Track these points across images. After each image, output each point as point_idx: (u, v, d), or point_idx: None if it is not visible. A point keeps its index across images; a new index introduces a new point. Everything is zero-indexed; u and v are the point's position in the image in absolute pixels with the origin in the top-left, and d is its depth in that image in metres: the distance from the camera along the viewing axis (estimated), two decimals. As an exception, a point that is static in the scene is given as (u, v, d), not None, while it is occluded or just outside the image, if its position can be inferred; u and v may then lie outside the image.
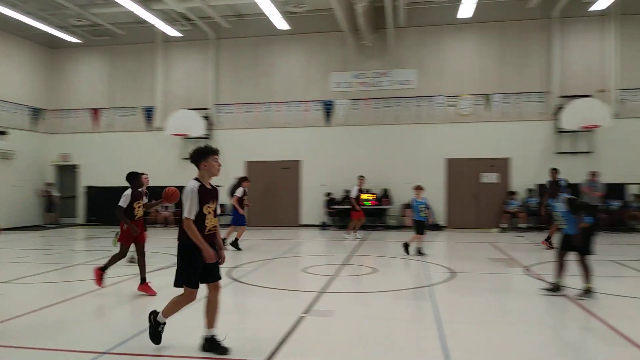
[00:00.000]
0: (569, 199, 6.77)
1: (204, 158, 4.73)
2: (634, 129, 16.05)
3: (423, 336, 5.26)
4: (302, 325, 5.60)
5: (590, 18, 16.36)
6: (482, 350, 4.88)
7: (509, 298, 7.39)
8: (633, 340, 4.97)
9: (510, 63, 17.00)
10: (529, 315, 6.16)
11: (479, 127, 17.05)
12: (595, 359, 4.72)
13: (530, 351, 4.87)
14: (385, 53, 17.62)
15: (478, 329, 5.58)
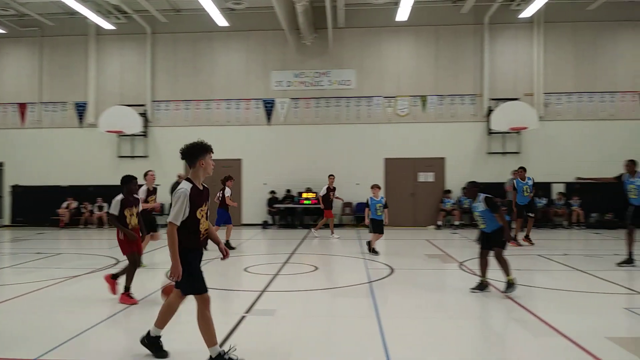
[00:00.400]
0: (486, 198, 6.92)
1: (202, 155, 4.33)
2: (558, 131, 17.08)
3: (363, 332, 5.38)
4: (243, 325, 5.59)
5: (518, 25, 17.25)
6: (419, 344, 5.06)
7: (444, 293, 7.69)
8: (559, 330, 5.31)
9: (445, 66, 17.63)
10: (463, 309, 6.44)
11: (415, 127, 17.57)
12: (524, 350, 5.00)
13: (463, 344, 5.11)
14: (325, 53, 17.80)
15: (415, 324, 5.78)
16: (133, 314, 6.19)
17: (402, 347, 4.88)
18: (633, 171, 9.02)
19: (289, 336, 5.26)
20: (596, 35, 17.25)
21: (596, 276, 8.35)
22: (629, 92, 17.16)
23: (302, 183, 17.57)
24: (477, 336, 5.54)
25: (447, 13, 17.33)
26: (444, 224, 16.97)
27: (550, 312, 6.12)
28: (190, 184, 4.27)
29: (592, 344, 4.83)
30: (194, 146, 4.38)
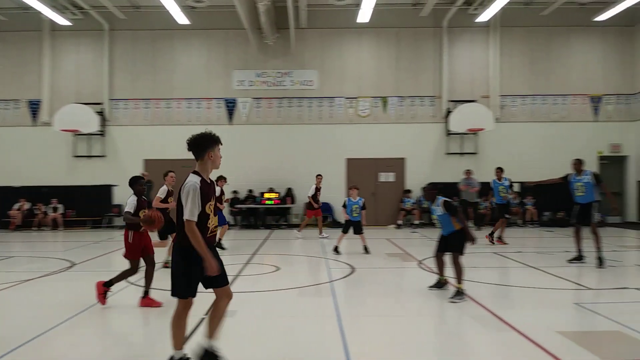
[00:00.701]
0: (445, 202, 6.91)
1: (211, 147, 4.12)
2: (512, 132, 17.62)
3: (324, 332, 5.43)
4: (203, 327, 5.54)
5: (475, 29, 17.71)
6: (378, 343, 5.15)
7: (404, 291, 7.83)
8: (513, 325, 5.51)
9: (405, 68, 17.92)
10: (422, 307, 6.59)
11: (376, 128, 17.80)
12: (479, 345, 5.16)
13: (421, 341, 5.23)
14: (288, 53, 17.81)
15: (375, 322, 5.88)
16: (88, 318, 6.05)
17: (361, 346, 4.96)
18: (580, 170, 9.37)
19: (250, 337, 5.26)
20: (549, 39, 17.89)
21: (548, 272, 8.67)
22: (580, 95, 17.88)
23: (265, 183, 17.52)
24: (434, 333, 5.68)
25: (407, 16, 17.61)
26: (404, 223, 17.25)
27: (505, 308, 6.33)
28: (199, 177, 4.05)
29: (544, 338, 5.02)
30: (203, 137, 4.15)
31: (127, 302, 6.88)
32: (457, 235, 6.88)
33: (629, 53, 17.96)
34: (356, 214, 11.00)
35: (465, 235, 6.82)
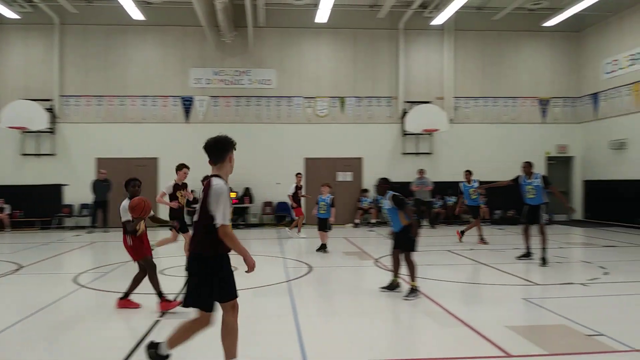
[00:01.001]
0: (393, 196, 6.96)
1: (230, 150, 4.03)
2: (466, 133, 18.11)
3: (281, 331, 5.45)
4: (158, 328, 5.47)
5: (430, 32, 18.08)
6: (334, 341, 5.21)
7: (360, 289, 7.94)
8: (464, 321, 5.69)
9: (363, 69, 18.11)
10: (377, 304, 6.70)
11: (334, 128, 17.92)
12: (432, 340, 5.31)
13: (375, 338, 5.33)
14: (246, 51, 17.69)
15: (332, 321, 5.95)
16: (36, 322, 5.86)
17: (318, 345, 5.01)
18: (529, 172, 9.73)
19: (206, 337, 5.22)
20: (501, 43, 18.48)
21: (498, 269, 8.98)
22: (530, 98, 18.55)
23: (222, 182, 17.34)
24: (389, 330, 5.80)
25: (364, 17, 17.80)
26: (362, 222, 17.45)
27: (457, 304, 6.52)
28: (223, 180, 3.94)
29: (493, 333, 5.21)
30: (225, 140, 4.04)
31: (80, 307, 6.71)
32: (405, 232, 6.93)
33: (575, 58, 18.76)
34: (323, 210, 11.15)
35: (411, 229, 6.87)
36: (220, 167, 3.99)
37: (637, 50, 16.01)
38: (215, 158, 4.01)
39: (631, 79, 16.22)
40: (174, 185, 9.17)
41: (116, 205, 7.18)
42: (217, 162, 4.01)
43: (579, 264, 10.09)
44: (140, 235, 6.51)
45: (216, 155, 4.00)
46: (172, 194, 9.06)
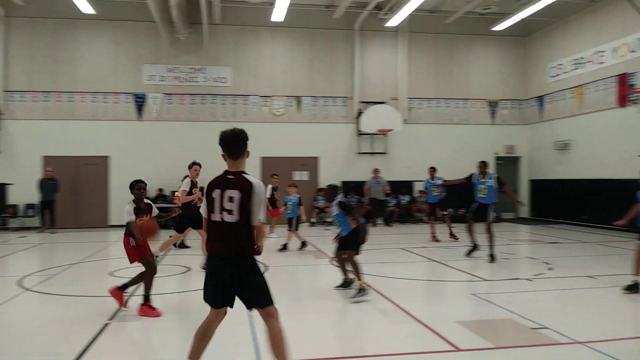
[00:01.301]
0: (340, 202, 7.04)
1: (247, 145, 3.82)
2: (419, 133, 18.48)
3: (235, 333, 5.42)
4: (107, 333, 5.34)
5: (385, 33, 18.36)
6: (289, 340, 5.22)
7: (314, 288, 7.99)
8: (415, 317, 5.82)
9: (319, 68, 18.20)
10: (332, 302, 6.76)
11: (291, 127, 17.92)
12: (384, 337, 5.40)
13: (329, 336, 5.39)
14: (201, 49, 17.44)
15: (286, 320, 5.94)
16: (-21, 328, 5.62)
17: (272, 344, 5.02)
18: (484, 172, 10.00)
19: (157, 341, 5.15)
20: (452, 46, 18.96)
21: (449, 266, 9.23)
22: (480, 100, 19.13)
23: (176, 182, 17.00)
24: (342, 327, 5.87)
25: (320, 17, 17.88)
26: (318, 221, 17.54)
27: (409, 300, 6.66)
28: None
29: (443, 328, 5.37)
30: (244, 132, 3.83)
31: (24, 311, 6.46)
32: (353, 235, 6.99)
33: (522, 61, 19.47)
34: (290, 210, 11.28)
35: (359, 233, 6.94)
36: (241, 162, 3.81)
37: (580, 55, 16.77)
38: (236, 152, 3.79)
39: (574, 82, 16.97)
40: (191, 182, 9.13)
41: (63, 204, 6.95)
42: (237, 157, 3.80)
43: (525, 260, 10.48)
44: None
45: (238, 149, 3.79)
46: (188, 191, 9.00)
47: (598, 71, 15.94)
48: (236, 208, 3.61)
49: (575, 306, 6.50)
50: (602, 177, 15.35)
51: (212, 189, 3.73)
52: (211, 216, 3.71)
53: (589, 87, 16.35)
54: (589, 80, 16.30)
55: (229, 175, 3.73)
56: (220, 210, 3.65)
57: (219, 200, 3.65)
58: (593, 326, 5.55)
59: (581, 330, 5.29)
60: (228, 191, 3.64)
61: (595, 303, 6.58)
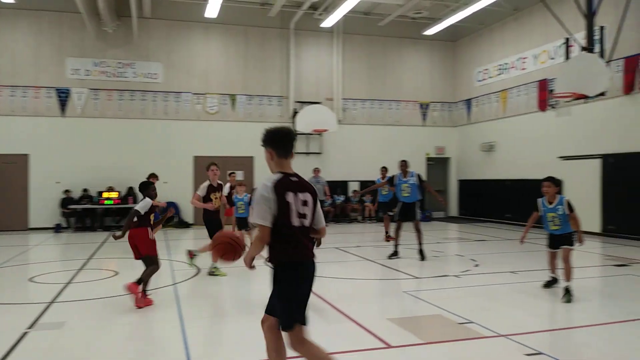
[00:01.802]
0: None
1: None
2: (354, 133, 18.76)
3: (165, 337, 5.27)
4: (25, 342, 5.01)
5: (320, 33, 18.47)
6: (221, 343, 5.14)
7: (248, 289, 7.90)
8: (349, 316, 5.88)
9: (254, 67, 18.03)
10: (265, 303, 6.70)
11: (225, 126, 17.64)
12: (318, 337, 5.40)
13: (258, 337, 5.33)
14: (130, 43, 16.80)
15: (218, 323, 5.85)
16: None
17: (204, 347, 4.92)
18: (405, 171, 10.23)
19: (80, 350, 4.89)
20: (385, 49, 19.38)
21: (382, 264, 9.41)
22: (411, 102, 19.68)
23: (103, 181, 16.32)
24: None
25: (255, 15, 17.71)
26: (253, 221, 17.36)
27: (343, 299, 6.72)
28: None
29: (375, 325, 5.46)
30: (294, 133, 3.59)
31: None
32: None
33: (451, 65, 20.22)
34: (242, 210, 11.07)
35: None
36: (287, 163, 3.54)
37: (504, 61, 17.64)
38: (291, 151, 3.55)
39: (499, 87, 17.84)
40: (208, 186, 8.49)
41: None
42: (288, 156, 3.54)
43: (453, 258, 10.87)
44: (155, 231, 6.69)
45: (293, 148, 3.55)
46: (205, 195, 8.41)
47: (520, 77, 16.84)
48: (310, 212, 3.46)
49: (499, 301, 6.81)
50: (523, 177, 16.24)
51: (284, 191, 3.36)
52: (293, 221, 3.37)
53: (512, 92, 17.24)
54: (512, 85, 17.19)
55: (292, 178, 3.46)
56: (297, 214, 3.40)
57: (294, 205, 3.38)
58: (515, 319, 5.84)
59: (504, 323, 5.55)
60: (300, 195, 3.41)
61: (516, 297, 6.92)
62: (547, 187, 6.74)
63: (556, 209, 6.70)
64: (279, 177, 3.40)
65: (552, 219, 6.76)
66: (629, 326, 5.52)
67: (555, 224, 6.74)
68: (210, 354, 4.80)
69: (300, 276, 3.46)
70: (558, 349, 4.93)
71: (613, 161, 13.49)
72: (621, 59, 13.04)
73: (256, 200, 3.33)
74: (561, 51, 14.13)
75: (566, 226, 6.74)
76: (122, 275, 8.71)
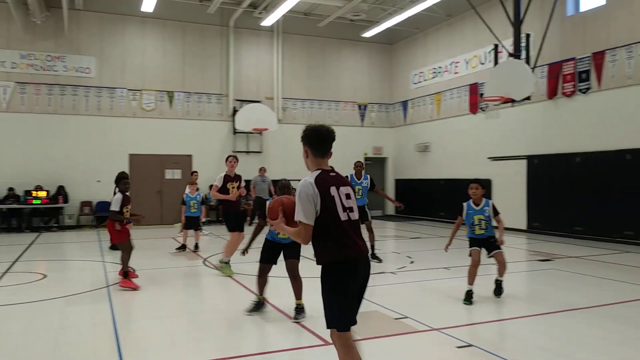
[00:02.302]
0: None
1: None
2: (294, 133, 18.68)
3: (97, 341, 5.11)
4: (-54, 352, 4.73)
5: (261, 32, 18.42)
6: (156, 345, 5.05)
7: (186, 290, 7.79)
8: (289, 315, 5.93)
9: (192, 63, 17.71)
10: (205, 304, 6.65)
11: (162, 123, 17.23)
12: (259, 336, 5.45)
13: (201, 337, 5.30)
14: (61, 35, 16.05)
15: (154, 325, 5.74)
16: None
17: (138, 350, 4.82)
18: (360, 174, 10.34)
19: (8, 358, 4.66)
20: (325, 49, 19.59)
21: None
22: (350, 102, 20.01)
23: (31, 180, 15.49)
24: (215, 329, 5.79)
25: (194, 11, 17.38)
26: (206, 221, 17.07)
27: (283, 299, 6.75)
28: None
29: (314, 323, 5.54)
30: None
31: None
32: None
33: (388, 68, 20.73)
34: (194, 209, 10.92)
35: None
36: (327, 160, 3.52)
37: (438, 64, 18.30)
38: (330, 149, 3.52)
39: (434, 90, 18.48)
40: (225, 176, 8.33)
41: None
42: (328, 156, 3.53)
43: (390, 255, 11.17)
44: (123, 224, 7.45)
45: (329, 148, 3.52)
46: (222, 186, 8.23)
47: (453, 80, 17.53)
48: (355, 205, 3.41)
49: (433, 296, 7.10)
50: (456, 177, 16.91)
51: (327, 186, 3.31)
52: (340, 216, 3.29)
53: (445, 95, 17.91)
54: (446, 88, 17.86)
55: (331, 174, 3.44)
56: (343, 208, 3.32)
57: (338, 199, 3.31)
58: (447, 314, 6.11)
59: (437, 318, 5.80)
60: (342, 188, 3.37)
61: (449, 293, 7.23)
62: (475, 188, 6.78)
63: (483, 211, 6.76)
64: (318, 173, 3.37)
65: (479, 221, 6.76)
66: (551, 317, 5.92)
67: (482, 227, 6.76)
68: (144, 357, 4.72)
69: (350, 273, 3.33)
70: (486, 341, 5.23)
71: (537, 162, 14.33)
72: (545, 65, 13.87)
73: (299, 198, 3.26)
74: (491, 57, 14.82)
75: (490, 229, 6.80)
76: (51, 278, 8.35)
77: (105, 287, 7.55)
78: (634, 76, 11.98)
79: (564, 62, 13.59)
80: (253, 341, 5.30)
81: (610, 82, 12.48)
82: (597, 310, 6.23)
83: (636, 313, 6.15)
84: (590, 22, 13.03)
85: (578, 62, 13.25)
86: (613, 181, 12.15)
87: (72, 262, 10.15)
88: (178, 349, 4.91)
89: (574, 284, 7.94)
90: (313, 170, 3.44)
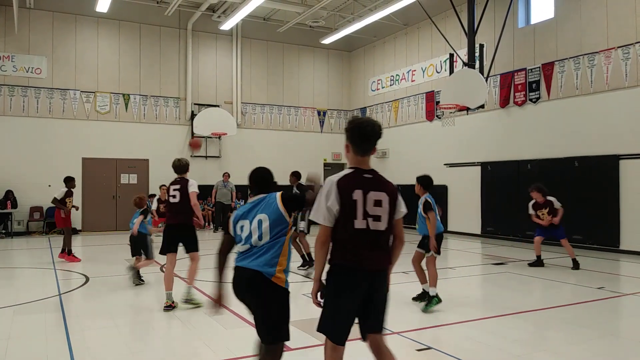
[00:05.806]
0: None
1: None
2: (252, 138, 18.75)
3: (47, 351, 4.93)
4: None
5: (220, 36, 18.28)
6: (110, 355, 4.92)
7: (138, 296, 7.61)
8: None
9: (149, 66, 17.38)
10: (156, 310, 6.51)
11: (117, 126, 16.81)
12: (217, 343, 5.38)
13: (158, 346, 5.20)
14: (10, 34, 15.46)
15: (108, 333, 5.59)
16: None
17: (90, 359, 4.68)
18: (296, 182, 10.39)
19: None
20: (284, 55, 19.63)
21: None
22: (309, 108, 20.09)
23: (-25, 184, 14.80)
24: (172, 337, 5.69)
25: (151, 12, 17.09)
26: (151, 227, 16.70)
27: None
28: None
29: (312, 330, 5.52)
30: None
31: None
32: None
33: (347, 74, 20.95)
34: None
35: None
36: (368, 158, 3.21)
37: (395, 72, 18.63)
38: (374, 146, 3.20)
39: (391, 97, 18.80)
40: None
41: None
42: (371, 152, 3.21)
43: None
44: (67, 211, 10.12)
45: (372, 146, 3.19)
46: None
47: (410, 88, 17.89)
48: (386, 214, 3.09)
49: (393, 300, 7.12)
50: (412, 183, 17.13)
51: (351, 189, 3.04)
52: (355, 223, 3.01)
53: (403, 102, 18.25)
54: (403, 96, 18.21)
55: (365, 175, 3.13)
56: (364, 215, 3.02)
57: (362, 204, 3.02)
58: (407, 318, 6.22)
59: (398, 322, 5.88)
60: (372, 193, 3.06)
61: (408, 297, 7.34)
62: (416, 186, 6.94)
63: (418, 207, 6.82)
64: (348, 172, 3.12)
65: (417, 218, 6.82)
66: (506, 319, 6.12)
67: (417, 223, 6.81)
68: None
69: (348, 282, 3.08)
70: (445, 343, 5.35)
71: (490, 168, 14.79)
72: (497, 75, 14.36)
73: (319, 194, 3.07)
74: (446, 65, 15.23)
75: (423, 228, 6.75)
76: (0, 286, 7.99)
77: (57, 295, 7.29)
78: (581, 87, 12.56)
79: (516, 72, 14.11)
80: (210, 348, 5.23)
81: (559, 92, 13.04)
82: (550, 312, 6.49)
83: (586, 314, 6.44)
84: (540, 34, 13.59)
85: (529, 73, 13.78)
86: (562, 187, 12.66)
87: (22, 269, 9.74)
88: (132, 357, 4.79)
89: (527, 287, 8.23)
90: (348, 167, 3.20)
